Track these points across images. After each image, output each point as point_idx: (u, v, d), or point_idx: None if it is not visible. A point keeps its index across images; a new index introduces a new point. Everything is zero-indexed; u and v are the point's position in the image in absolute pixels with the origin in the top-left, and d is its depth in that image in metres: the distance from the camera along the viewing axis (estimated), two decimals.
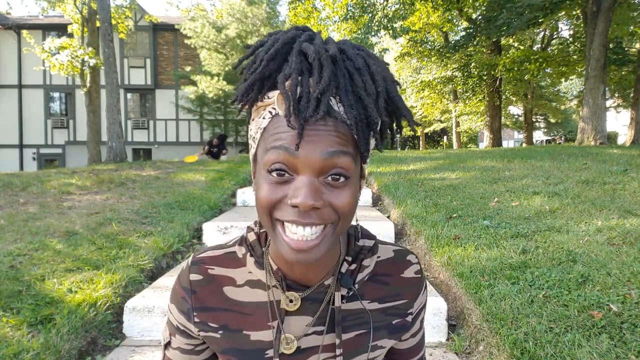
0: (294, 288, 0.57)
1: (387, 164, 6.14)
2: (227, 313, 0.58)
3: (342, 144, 0.46)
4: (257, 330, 0.58)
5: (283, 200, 0.47)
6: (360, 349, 0.59)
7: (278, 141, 0.46)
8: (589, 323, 1.62)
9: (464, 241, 2.62)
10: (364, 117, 0.46)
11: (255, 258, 0.58)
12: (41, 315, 1.87)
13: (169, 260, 2.83)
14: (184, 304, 0.60)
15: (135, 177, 5.50)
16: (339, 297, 0.56)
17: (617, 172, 4.18)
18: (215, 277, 0.59)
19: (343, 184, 0.47)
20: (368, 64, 0.48)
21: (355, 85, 0.47)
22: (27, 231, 3.02)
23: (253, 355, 0.57)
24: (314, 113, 0.43)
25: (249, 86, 0.48)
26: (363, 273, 0.59)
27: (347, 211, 0.47)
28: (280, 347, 0.57)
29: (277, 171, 0.46)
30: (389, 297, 0.61)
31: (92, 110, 10.39)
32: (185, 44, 16.78)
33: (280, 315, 0.57)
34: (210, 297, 0.59)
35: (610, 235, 2.46)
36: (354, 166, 0.47)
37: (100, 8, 8.83)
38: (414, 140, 32.40)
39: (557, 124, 27.54)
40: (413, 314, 0.64)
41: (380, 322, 0.60)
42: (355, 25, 12.54)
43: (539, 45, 17.63)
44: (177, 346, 0.63)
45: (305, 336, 0.57)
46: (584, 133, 9.04)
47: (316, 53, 0.45)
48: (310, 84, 0.45)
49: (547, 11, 8.95)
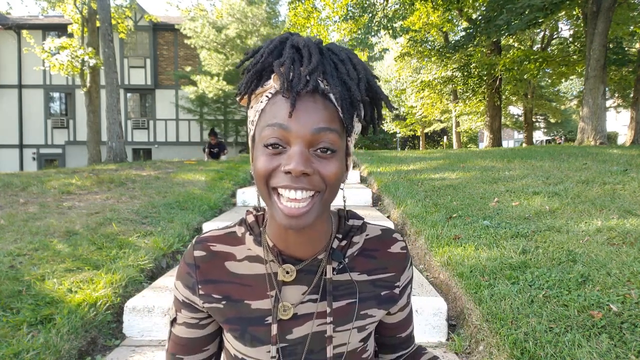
0: (289, 262, 0.63)
1: (387, 164, 6.14)
2: (229, 285, 0.64)
3: (328, 121, 0.53)
4: (257, 299, 0.63)
5: (278, 168, 0.53)
6: (350, 316, 0.65)
7: (273, 119, 0.53)
8: (589, 323, 1.62)
9: (464, 241, 2.62)
10: (347, 96, 0.54)
11: (254, 236, 0.65)
12: (41, 315, 1.87)
13: (169, 260, 2.83)
14: (189, 279, 0.65)
15: (135, 177, 5.50)
16: (330, 269, 0.63)
17: (617, 172, 4.18)
18: (217, 252, 0.65)
19: (330, 156, 0.54)
20: (350, 57, 0.57)
21: (340, 72, 0.55)
22: (27, 231, 3.02)
23: (254, 321, 0.63)
24: (304, 87, 0.51)
25: (252, 76, 0.56)
26: (352, 249, 0.66)
27: (333, 180, 0.54)
28: (279, 314, 0.62)
29: (273, 145, 0.53)
30: (377, 270, 0.67)
31: (92, 110, 10.38)
32: (185, 44, 16.78)
33: (278, 285, 0.63)
34: (213, 271, 0.64)
35: (610, 235, 2.46)
36: (340, 141, 0.55)
37: (100, 8, 8.82)
38: (414, 140, 32.40)
39: (557, 124, 27.54)
40: (400, 287, 0.69)
41: (370, 292, 0.66)
42: (355, 26, 12.53)
43: (539, 45, 17.63)
44: (183, 321, 0.67)
45: (301, 304, 0.63)
46: (584, 133, 9.04)
47: (306, 43, 0.55)
48: (302, 69, 0.53)
49: (547, 11, 8.93)
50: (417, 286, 2.23)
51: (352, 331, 0.64)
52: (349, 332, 0.64)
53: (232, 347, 0.65)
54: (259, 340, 0.63)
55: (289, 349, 0.63)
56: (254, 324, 0.63)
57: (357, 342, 0.65)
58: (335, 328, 0.64)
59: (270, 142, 0.53)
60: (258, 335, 0.63)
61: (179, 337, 0.68)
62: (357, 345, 0.65)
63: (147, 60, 18.22)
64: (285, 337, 0.63)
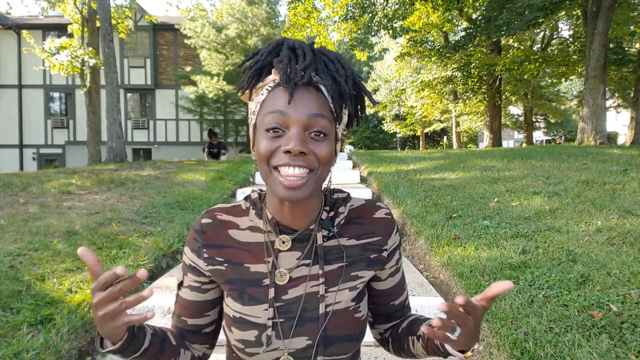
0: (285, 232, 0.71)
1: (387, 164, 6.14)
2: (231, 249, 0.72)
3: (321, 109, 0.62)
4: (256, 263, 0.71)
5: (278, 149, 0.61)
6: (340, 277, 0.71)
7: (274, 107, 0.61)
8: (589, 323, 1.62)
9: (464, 241, 2.62)
10: (337, 89, 0.63)
11: (256, 210, 0.73)
12: (41, 315, 1.87)
13: (169, 260, 2.83)
14: (195, 244, 0.73)
15: (135, 177, 5.50)
16: (321, 237, 0.71)
17: (617, 172, 4.18)
18: (223, 221, 0.73)
19: (323, 138, 0.63)
20: (338, 58, 0.66)
21: (330, 69, 0.64)
22: (27, 231, 3.02)
23: (253, 283, 0.70)
24: (300, 79, 0.60)
25: (254, 72, 0.65)
26: (339, 218, 0.74)
27: (325, 159, 0.63)
28: (275, 279, 0.69)
29: (274, 129, 0.61)
30: (365, 234, 0.74)
31: (92, 110, 10.38)
32: (185, 44, 16.78)
33: (275, 253, 0.70)
34: (217, 236, 0.72)
35: (610, 235, 2.45)
36: (331, 127, 0.64)
37: (100, 8, 8.82)
38: (414, 140, 32.38)
39: (557, 124, 27.51)
40: (388, 250, 0.76)
41: (359, 256, 0.73)
42: (355, 25, 12.52)
43: (539, 45, 17.61)
44: (188, 284, 0.74)
45: (296, 268, 0.70)
46: (584, 133, 9.03)
47: (300, 44, 0.65)
48: (298, 66, 0.61)
49: (547, 11, 8.91)
50: (417, 286, 2.23)
51: (343, 291, 0.71)
52: (340, 292, 0.70)
53: (231, 309, 0.70)
54: (256, 299, 0.69)
55: (285, 307, 0.69)
56: (253, 285, 0.70)
57: (349, 301, 0.71)
58: (327, 289, 0.70)
59: (272, 127, 0.61)
60: (256, 295, 0.69)
61: (184, 300, 0.75)
62: (349, 304, 0.71)
63: (147, 60, 18.21)
64: (281, 297, 0.69)
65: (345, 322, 0.70)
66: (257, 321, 0.68)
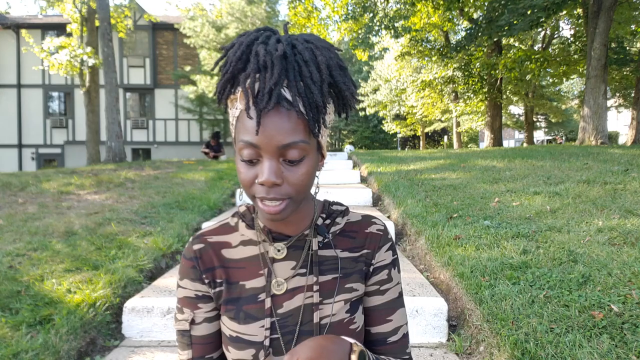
0: (279, 239, 0.70)
1: (388, 163, 6.14)
2: (226, 269, 0.70)
3: (294, 133, 0.57)
4: (251, 279, 0.69)
5: (255, 179, 0.59)
6: (335, 289, 0.70)
7: (245, 135, 0.57)
8: (590, 323, 1.62)
9: (464, 241, 2.61)
10: (312, 101, 0.57)
11: (246, 222, 0.72)
12: (40, 315, 1.87)
13: (169, 261, 2.82)
14: (195, 272, 0.70)
15: (134, 177, 5.49)
16: (316, 243, 0.70)
17: (618, 172, 4.17)
18: (214, 243, 0.72)
19: (298, 162, 0.59)
20: (315, 55, 0.58)
21: (304, 76, 0.57)
22: (26, 231, 3.01)
23: (248, 300, 0.68)
24: (266, 105, 0.54)
25: (224, 84, 0.60)
26: (335, 227, 0.73)
27: (300, 186, 0.60)
28: (272, 289, 0.68)
29: (247, 159, 0.59)
30: (357, 247, 0.73)
31: (91, 110, 10.36)
32: (184, 43, 16.76)
33: (270, 262, 0.69)
34: (211, 259, 0.71)
35: (611, 235, 2.45)
36: (308, 146, 0.59)
37: (99, 7, 8.80)
38: (414, 140, 32.37)
39: (558, 124, 27.49)
40: (374, 265, 0.73)
41: (353, 268, 0.72)
42: (355, 25, 12.50)
43: (539, 45, 17.60)
44: (204, 318, 0.71)
45: (292, 278, 0.69)
46: (585, 133, 9.02)
47: (267, 54, 0.56)
48: (266, 79, 0.55)
49: (549, 11, 8.88)
50: (418, 286, 2.22)
51: (338, 303, 0.69)
52: (334, 304, 0.69)
53: (228, 328, 0.69)
54: (252, 317, 0.68)
55: (281, 322, 0.68)
56: (249, 302, 0.68)
57: (344, 313, 0.69)
58: (322, 300, 0.69)
59: (245, 159, 0.59)
60: (251, 312, 0.68)
61: (204, 337, 0.71)
62: (344, 316, 0.69)
63: (147, 59, 18.20)
64: (277, 311, 0.68)
65: (341, 334, 0.67)
66: (253, 339, 0.67)
